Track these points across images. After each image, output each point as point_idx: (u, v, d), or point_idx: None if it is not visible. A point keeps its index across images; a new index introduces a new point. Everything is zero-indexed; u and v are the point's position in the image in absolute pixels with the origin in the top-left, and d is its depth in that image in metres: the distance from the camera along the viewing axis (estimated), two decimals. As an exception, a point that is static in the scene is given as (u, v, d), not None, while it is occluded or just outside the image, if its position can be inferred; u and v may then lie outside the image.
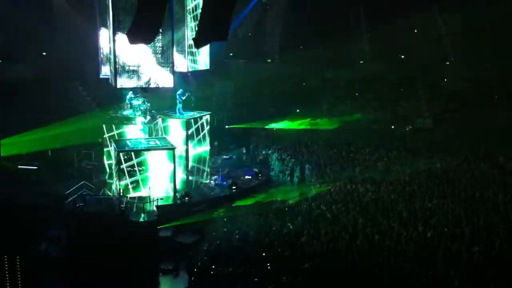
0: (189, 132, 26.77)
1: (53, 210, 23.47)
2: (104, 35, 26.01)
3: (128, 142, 25.35)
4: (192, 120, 27.05)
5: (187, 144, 26.63)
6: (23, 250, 18.13)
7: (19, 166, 28.21)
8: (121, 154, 24.19)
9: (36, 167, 28.13)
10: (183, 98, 27.21)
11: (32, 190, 25.53)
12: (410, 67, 42.75)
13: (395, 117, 40.41)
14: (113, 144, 25.52)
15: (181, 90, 27.18)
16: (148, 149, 24.69)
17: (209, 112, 28.68)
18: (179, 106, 27.23)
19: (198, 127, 27.23)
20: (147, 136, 26.51)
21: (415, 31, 43.63)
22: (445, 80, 43.58)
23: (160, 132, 27.29)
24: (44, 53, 36.43)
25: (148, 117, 26.50)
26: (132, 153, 24.47)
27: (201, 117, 27.65)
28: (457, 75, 41.90)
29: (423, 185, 25.75)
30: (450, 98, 41.20)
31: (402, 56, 44.34)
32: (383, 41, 41.70)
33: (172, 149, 24.96)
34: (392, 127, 40.06)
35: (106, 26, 25.44)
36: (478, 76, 39.34)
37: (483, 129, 35.19)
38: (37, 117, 30.38)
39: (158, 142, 25.61)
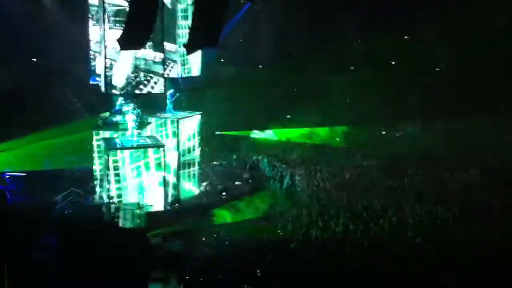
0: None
1: (42, 217, 23.28)
2: (95, 41, 25.94)
3: (117, 140, 25.14)
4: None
5: (178, 148, 26.50)
6: (12, 258, 17.99)
7: (7, 173, 27.96)
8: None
9: (24, 174, 27.90)
10: (173, 98, 27.28)
11: (21, 197, 25.33)
12: (401, 73, 42.84)
13: (386, 122, 40.50)
14: (102, 143, 25.29)
15: (172, 90, 27.23)
16: (137, 147, 24.48)
17: (201, 112, 28.62)
18: (170, 106, 27.29)
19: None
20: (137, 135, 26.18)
21: (406, 37, 43.81)
22: (436, 85, 43.73)
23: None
24: (34, 59, 36.23)
25: (136, 118, 26.19)
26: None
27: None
28: (447, 81, 42.05)
29: (413, 191, 25.86)
30: (441, 104, 41.33)
31: (393, 62, 44.43)
32: (375, 47, 41.78)
33: (162, 146, 24.75)
34: (383, 132, 40.20)
35: (97, 32, 25.39)
36: (467, 82, 39.50)
37: (473, 135, 35.36)
38: (26, 124, 30.20)
39: (148, 141, 25.43)
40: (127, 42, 18.88)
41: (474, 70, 37.64)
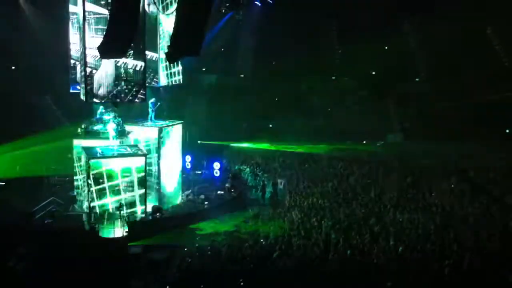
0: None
1: (21, 226, 22.97)
2: (76, 49, 25.79)
3: (98, 149, 24.91)
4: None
5: (159, 157, 26.33)
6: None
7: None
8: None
9: (3, 183, 27.54)
10: (155, 107, 27.22)
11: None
12: (381, 82, 43.21)
13: (367, 132, 40.77)
14: (83, 152, 25.06)
15: (153, 99, 27.19)
16: (118, 156, 24.28)
17: (182, 121, 28.55)
18: (151, 114, 27.20)
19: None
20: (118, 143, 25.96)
21: (386, 48, 44.26)
22: (416, 95, 44.24)
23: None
24: (14, 67, 35.91)
25: (117, 127, 25.98)
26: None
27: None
28: (427, 90, 42.54)
29: (394, 199, 26.02)
30: (420, 113, 41.77)
31: (373, 72, 44.80)
32: (356, 56, 42.10)
33: (144, 155, 24.58)
34: (364, 142, 40.46)
35: (77, 40, 25.25)
36: (448, 92, 39.99)
37: (453, 143, 35.81)
38: (5, 131, 29.87)
39: (129, 149, 25.23)
40: (108, 50, 18.81)
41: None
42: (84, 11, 23.30)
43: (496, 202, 25.09)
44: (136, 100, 24.75)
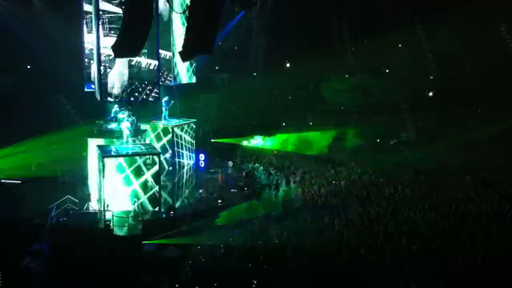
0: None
1: (36, 224, 23.15)
2: (90, 48, 25.93)
3: (112, 147, 25.03)
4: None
5: (173, 155, 26.40)
6: (4, 265, 17.91)
7: (2, 180, 27.85)
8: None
9: (20, 181, 27.78)
10: (169, 106, 27.32)
11: (15, 204, 25.21)
12: (393, 80, 43.05)
13: (380, 130, 40.61)
14: (97, 150, 25.17)
15: (167, 97, 27.26)
16: (133, 155, 24.38)
17: (195, 120, 28.61)
18: (165, 113, 27.28)
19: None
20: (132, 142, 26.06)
21: (399, 45, 44.07)
22: (429, 93, 44.04)
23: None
24: (28, 67, 36.23)
25: (131, 125, 26.09)
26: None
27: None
28: (440, 88, 42.35)
29: (407, 198, 25.90)
30: (433, 111, 41.53)
31: (387, 70, 44.65)
32: (368, 54, 41.99)
33: (157, 154, 24.66)
34: (378, 140, 40.29)
35: (92, 39, 25.38)
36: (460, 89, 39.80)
37: (466, 142, 35.54)
38: (21, 130, 30.13)
39: (143, 148, 25.32)
40: (122, 49, 18.85)
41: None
42: (98, 10, 23.43)
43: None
44: (150, 99, 24.86)
